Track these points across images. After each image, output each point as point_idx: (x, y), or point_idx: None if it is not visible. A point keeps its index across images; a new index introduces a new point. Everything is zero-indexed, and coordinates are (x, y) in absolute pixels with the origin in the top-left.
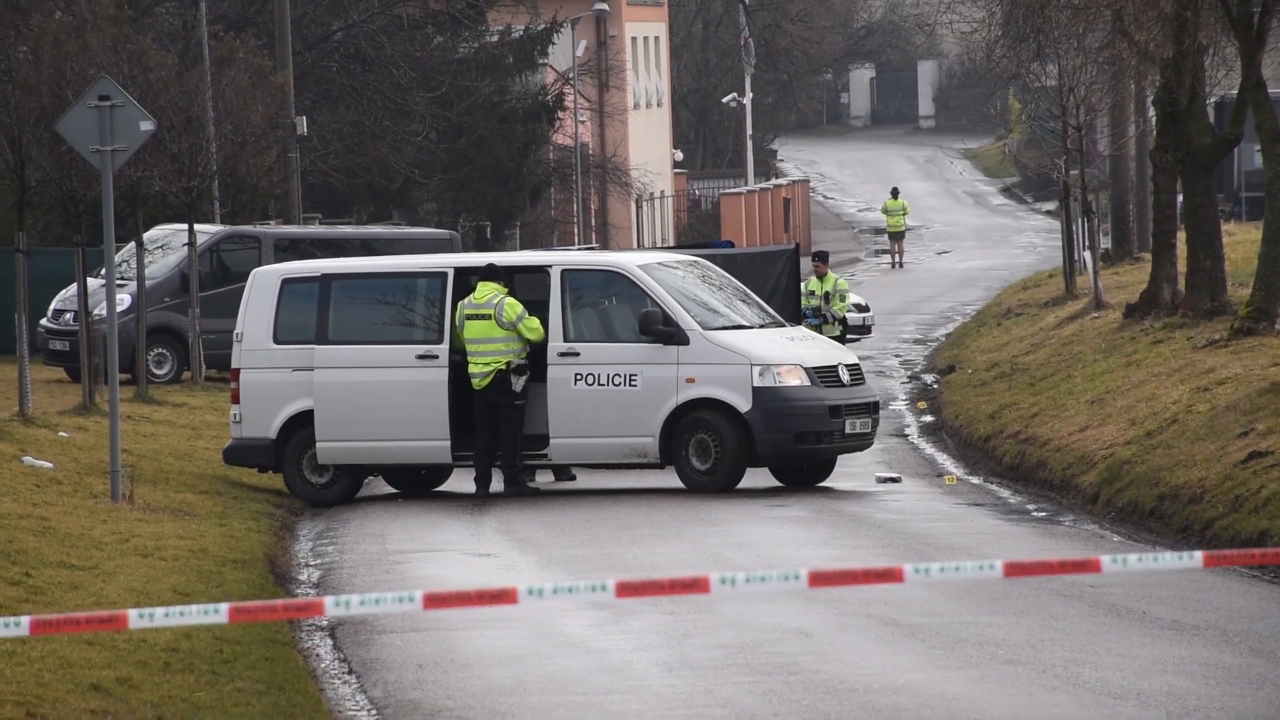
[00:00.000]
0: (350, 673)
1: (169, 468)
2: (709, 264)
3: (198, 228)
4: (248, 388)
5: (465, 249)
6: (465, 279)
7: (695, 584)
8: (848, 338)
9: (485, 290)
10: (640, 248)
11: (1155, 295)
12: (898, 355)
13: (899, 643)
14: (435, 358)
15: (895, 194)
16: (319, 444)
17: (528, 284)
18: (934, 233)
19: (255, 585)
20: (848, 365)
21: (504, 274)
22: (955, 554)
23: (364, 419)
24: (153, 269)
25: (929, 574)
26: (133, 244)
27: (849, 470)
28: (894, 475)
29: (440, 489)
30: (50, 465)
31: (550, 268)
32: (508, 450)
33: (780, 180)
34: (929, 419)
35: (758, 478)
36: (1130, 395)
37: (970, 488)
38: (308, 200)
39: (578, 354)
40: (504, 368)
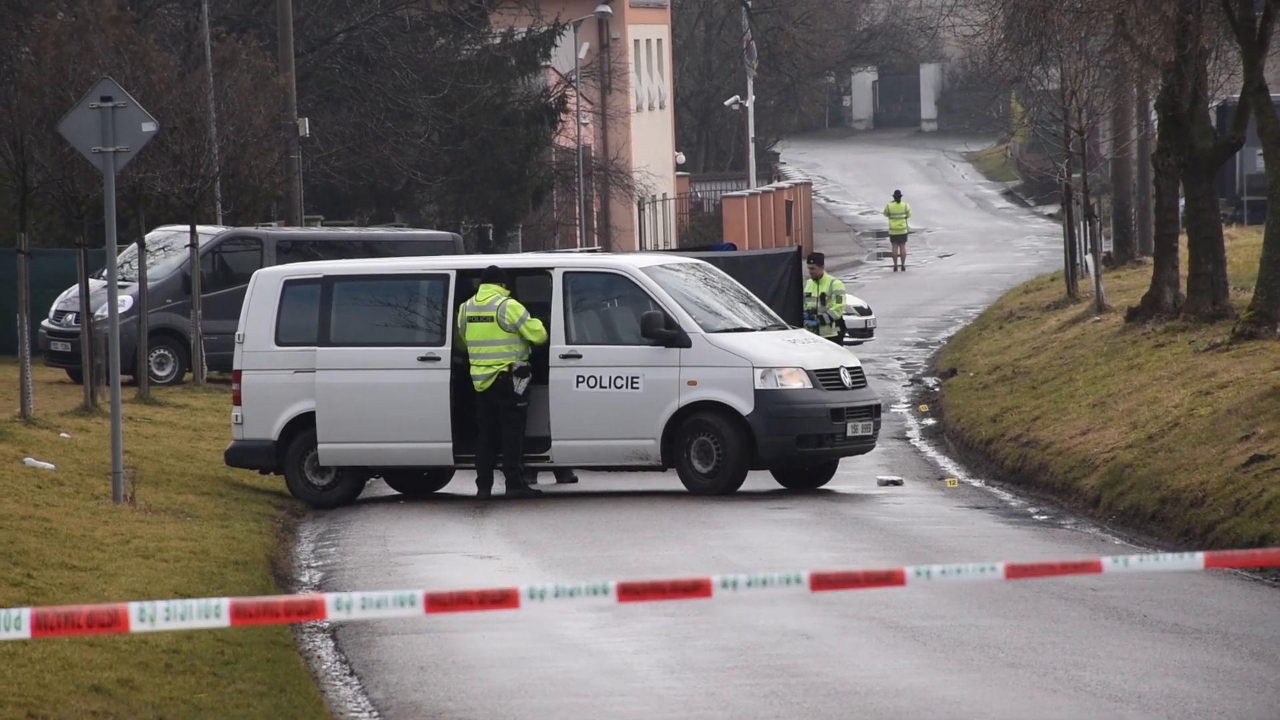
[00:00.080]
0: (352, 674)
1: (170, 469)
2: (711, 267)
3: (200, 229)
4: (249, 389)
5: (467, 251)
6: (467, 281)
7: (697, 587)
8: (846, 339)
9: (487, 292)
10: (642, 250)
11: (1157, 299)
12: (899, 358)
13: (900, 645)
14: (437, 360)
15: (897, 197)
16: (321, 446)
17: (530, 286)
18: (936, 236)
19: (257, 587)
20: (850, 368)
21: (506, 276)
22: (957, 557)
23: (366, 421)
24: (154, 270)
25: (930, 577)
26: (135, 245)
27: (851, 473)
28: (895, 478)
29: (442, 491)
30: (52, 466)
31: (552, 270)
32: (509, 452)
33: (782, 183)
34: (931, 422)
35: (759, 480)
36: (1132, 399)
37: (972, 491)
38: (310, 202)
39: (580, 356)
40: (506, 370)
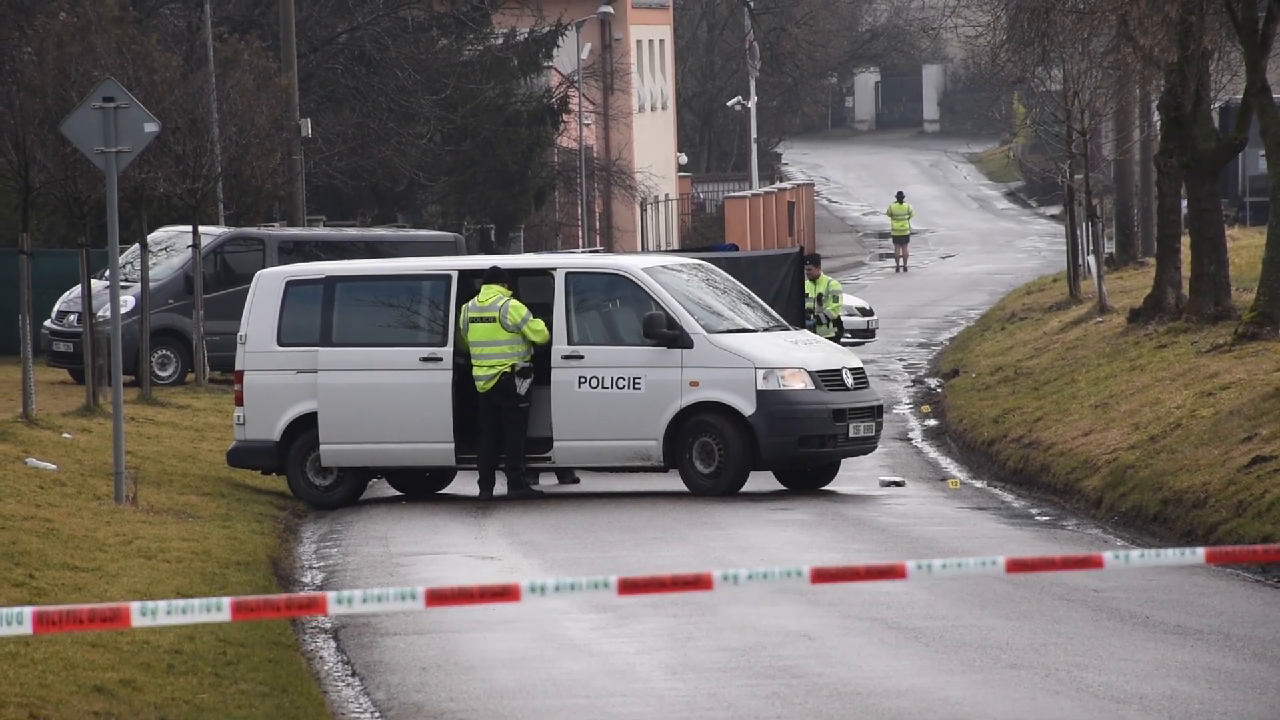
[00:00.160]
0: (353, 675)
1: (172, 470)
2: (713, 267)
3: (202, 230)
4: (251, 390)
5: (469, 252)
6: (469, 281)
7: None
8: (847, 340)
9: (490, 293)
10: (644, 251)
11: (1159, 300)
12: (902, 359)
13: (902, 646)
14: (439, 360)
15: (900, 198)
16: (323, 446)
17: (532, 287)
18: (938, 237)
19: (259, 587)
20: (852, 369)
21: (508, 277)
22: (958, 557)
23: (368, 421)
24: (157, 271)
25: (931, 570)
26: (137, 246)
27: (852, 474)
28: (898, 479)
29: (444, 492)
30: (54, 467)
31: (554, 270)
32: (511, 453)
33: (785, 184)
34: (933, 423)
35: (761, 481)
36: (1134, 400)
37: (974, 492)
38: (312, 202)
39: (582, 357)
40: (508, 370)
